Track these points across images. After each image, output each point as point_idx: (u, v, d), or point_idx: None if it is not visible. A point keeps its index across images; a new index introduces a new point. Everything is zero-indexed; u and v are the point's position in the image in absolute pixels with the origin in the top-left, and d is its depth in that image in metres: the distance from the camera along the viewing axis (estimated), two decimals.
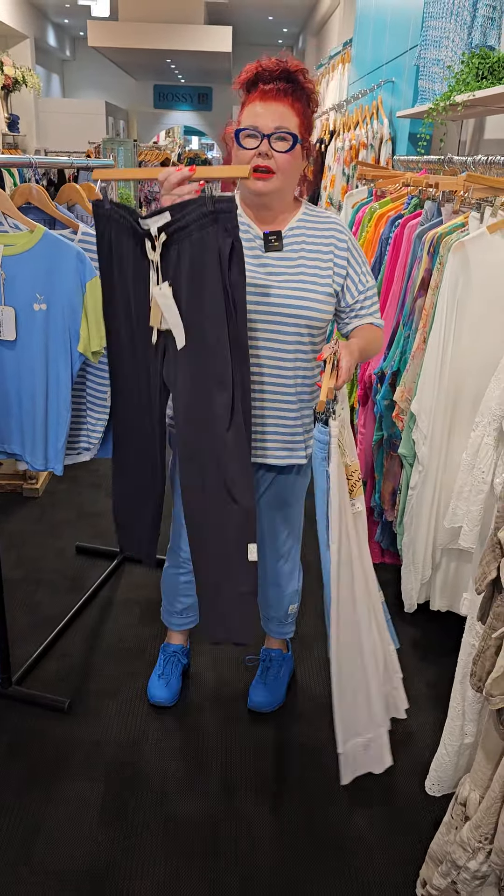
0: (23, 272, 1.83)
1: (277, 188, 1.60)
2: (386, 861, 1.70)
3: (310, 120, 1.63)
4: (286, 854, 1.71)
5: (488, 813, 1.41)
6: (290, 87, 1.58)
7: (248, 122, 1.57)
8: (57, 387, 1.93)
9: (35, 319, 1.87)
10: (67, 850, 1.69)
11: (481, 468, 1.40)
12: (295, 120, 1.58)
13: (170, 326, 1.53)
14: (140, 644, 2.40)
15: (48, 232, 1.81)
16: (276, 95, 1.56)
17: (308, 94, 1.61)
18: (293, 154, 1.59)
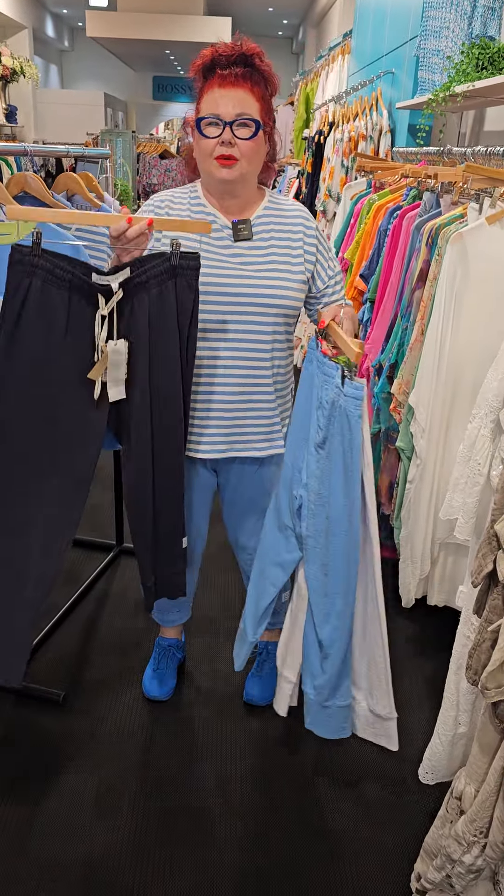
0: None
1: (242, 175, 1.58)
2: (381, 854, 1.70)
3: (269, 104, 1.61)
4: (281, 846, 1.71)
5: (483, 807, 1.40)
6: (248, 72, 1.55)
7: (208, 109, 1.55)
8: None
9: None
10: (62, 841, 1.69)
11: (477, 460, 1.39)
12: (256, 105, 1.56)
13: (108, 380, 1.53)
14: (135, 637, 2.39)
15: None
16: (234, 81, 1.53)
17: (266, 77, 1.59)
18: (256, 140, 1.57)
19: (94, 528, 3.05)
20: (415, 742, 2.01)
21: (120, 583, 2.69)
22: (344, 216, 3.22)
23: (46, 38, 12.81)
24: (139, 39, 10.56)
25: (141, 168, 7.70)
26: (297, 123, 6.75)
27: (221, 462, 1.84)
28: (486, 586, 1.31)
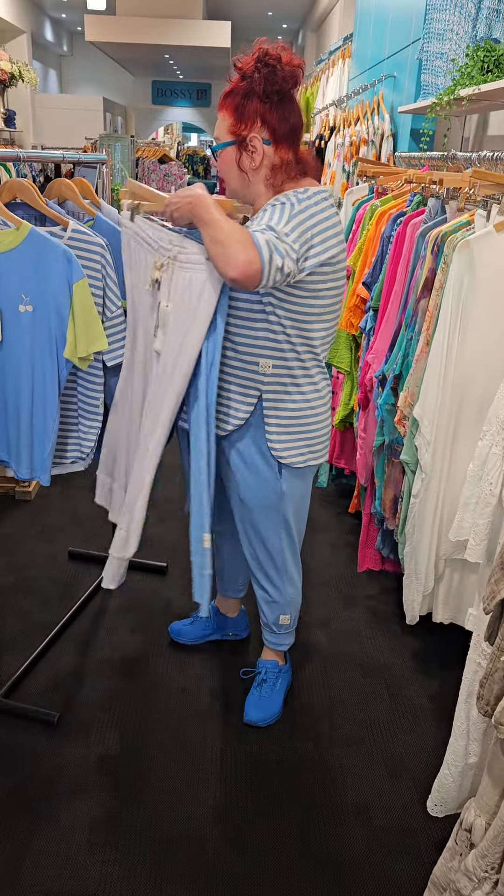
0: (8, 272, 1.75)
1: (232, 191, 1.75)
2: (386, 883, 1.64)
3: (253, 108, 1.63)
4: (284, 877, 1.64)
5: (495, 842, 1.34)
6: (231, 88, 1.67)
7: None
8: (43, 394, 1.84)
9: (20, 322, 1.79)
10: (56, 871, 1.63)
11: (489, 480, 1.33)
12: (227, 122, 1.67)
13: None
14: (133, 655, 2.33)
15: (34, 229, 1.73)
16: (218, 107, 1.71)
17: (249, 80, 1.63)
18: (222, 158, 1.71)
19: (91, 539, 2.98)
20: (418, 766, 1.95)
21: (117, 597, 2.63)
22: (346, 222, 3.17)
23: (45, 42, 12.78)
24: (138, 44, 10.51)
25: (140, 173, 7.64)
26: None
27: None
28: (499, 613, 1.26)
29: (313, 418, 1.80)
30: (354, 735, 2.05)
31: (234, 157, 1.67)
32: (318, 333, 1.71)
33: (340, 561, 2.93)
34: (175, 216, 1.61)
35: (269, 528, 1.89)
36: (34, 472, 1.93)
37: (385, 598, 2.70)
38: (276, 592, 2.00)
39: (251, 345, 1.71)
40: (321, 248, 1.60)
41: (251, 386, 1.75)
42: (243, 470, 1.83)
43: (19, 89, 9.96)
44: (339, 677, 2.27)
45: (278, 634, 2.10)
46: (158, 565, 2.80)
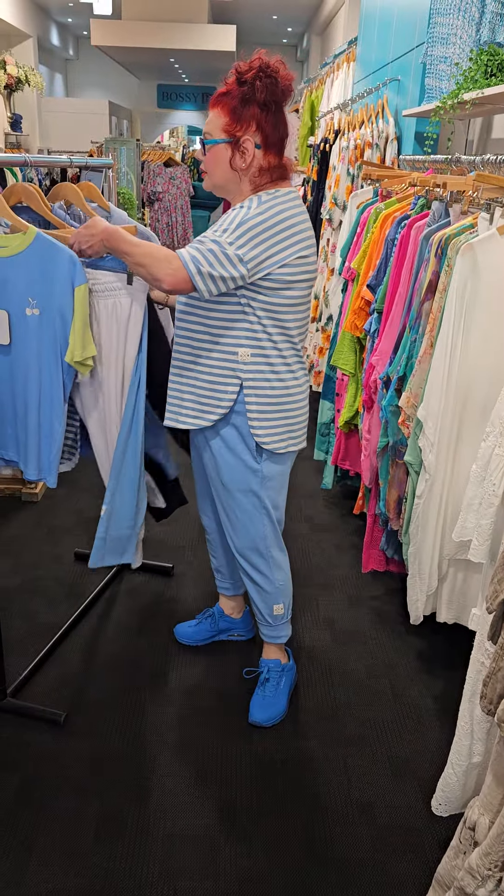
0: (16, 275, 1.77)
1: (213, 185, 1.82)
2: (390, 882, 1.65)
3: (250, 113, 1.72)
4: (289, 875, 1.65)
5: (498, 840, 1.35)
6: (227, 89, 1.73)
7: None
8: (50, 396, 1.87)
9: (28, 325, 1.81)
10: (62, 868, 1.64)
11: (492, 480, 1.35)
12: (221, 120, 1.73)
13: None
14: (139, 655, 2.34)
15: (41, 233, 1.75)
16: (211, 103, 1.76)
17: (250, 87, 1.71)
18: (211, 155, 1.77)
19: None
20: (423, 765, 1.96)
21: (122, 600, 2.64)
22: (350, 225, 3.18)
23: (51, 46, 12.84)
24: (144, 48, 10.55)
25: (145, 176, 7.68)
26: (301, 131, 6.72)
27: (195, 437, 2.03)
28: (502, 612, 1.27)
29: (293, 404, 1.89)
30: (359, 735, 2.06)
31: (226, 155, 1.75)
32: (292, 323, 1.81)
33: (345, 562, 2.94)
34: (88, 252, 1.76)
35: (252, 513, 1.95)
36: (41, 473, 1.95)
37: (390, 598, 2.71)
38: (265, 581, 2.03)
39: (230, 335, 1.79)
40: (280, 248, 1.71)
41: (232, 375, 1.82)
42: (225, 454, 1.90)
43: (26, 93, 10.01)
44: (343, 677, 2.28)
45: (274, 626, 2.11)
46: (164, 566, 2.82)
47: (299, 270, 1.75)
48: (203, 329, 1.81)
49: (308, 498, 3.50)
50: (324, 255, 4.19)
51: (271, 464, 1.92)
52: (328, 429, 3.29)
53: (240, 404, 1.84)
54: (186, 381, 1.87)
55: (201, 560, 2.89)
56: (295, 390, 1.88)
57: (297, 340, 1.85)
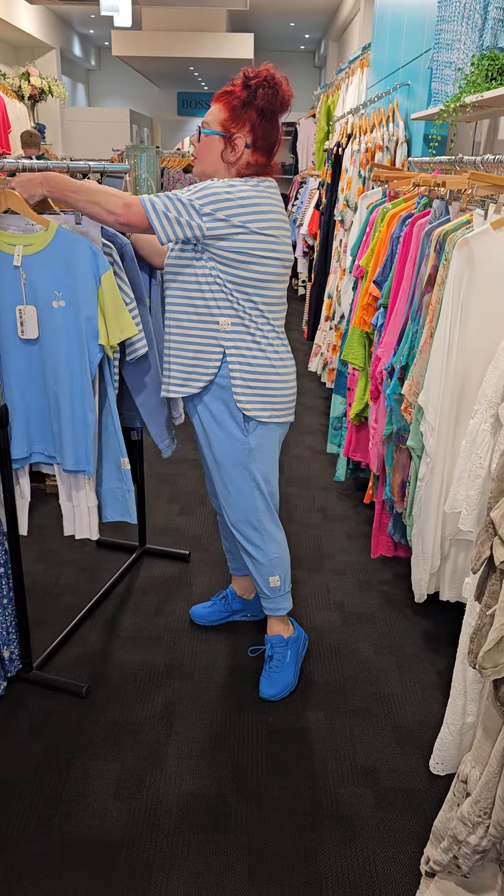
0: (42, 271, 1.90)
1: (201, 171, 1.95)
2: (392, 839, 1.75)
3: (248, 116, 1.87)
4: (294, 831, 1.77)
5: (486, 788, 1.45)
6: (232, 88, 1.88)
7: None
8: (81, 386, 1.96)
9: (55, 317, 1.93)
10: (85, 821, 1.77)
11: (479, 454, 1.45)
12: (221, 115, 1.88)
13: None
14: (157, 633, 2.47)
15: (61, 228, 1.89)
16: (215, 97, 1.91)
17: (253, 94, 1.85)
18: (205, 142, 1.92)
19: (117, 529, 3.14)
20: (426, 734, 2.06)
21: (142, 582, 2.77)
22: (360, 225, 3.30)
23: (74, 57, 13.11)
24: (163, 57, 10.76)
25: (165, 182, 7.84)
26: (318, 136, 6.85)
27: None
28: (486, 573, 1.37)
29: (278, 380, 2.01)
30: (365, 707, 2.17)
31: (219, 146, 1.91)
32: (262, 302, 1.94)
33: (356, 549, 3.05)
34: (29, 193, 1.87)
35: (242, 486, 2.07)
36: (79, 464, 2.04)
37: (398, 583, 2.81)
38: (259, 553, 2.14)
39: (211, 305, 1.93)
40: (239, 213, 1.83)
41: (214, 343, 1.95)
42: (215, 428, 2.03)
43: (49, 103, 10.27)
44: (352, 656, 2.39)
45: (272, 598, 2.22)
46: (181, 553, 2.95)
47: (264, 247, 1.87)
48: (187, 300, 1.94)
49: (321, 490, 3.61)
50: (337, 256, 4.31)
51: (258, 435, 2.03)
52: (340, 423, 3.39)
53: (224, 378, 1.97)
54: (174, 351, 2.00)
55: (217, 548, 3.01)
56: (280, 367, 2.00)
57: (274, 322, 1.99)
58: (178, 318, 1.97)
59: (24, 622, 2.16)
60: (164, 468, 3.82)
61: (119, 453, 2.09)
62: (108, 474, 2.11)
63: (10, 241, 1.91)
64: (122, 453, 2.09)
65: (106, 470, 2.11)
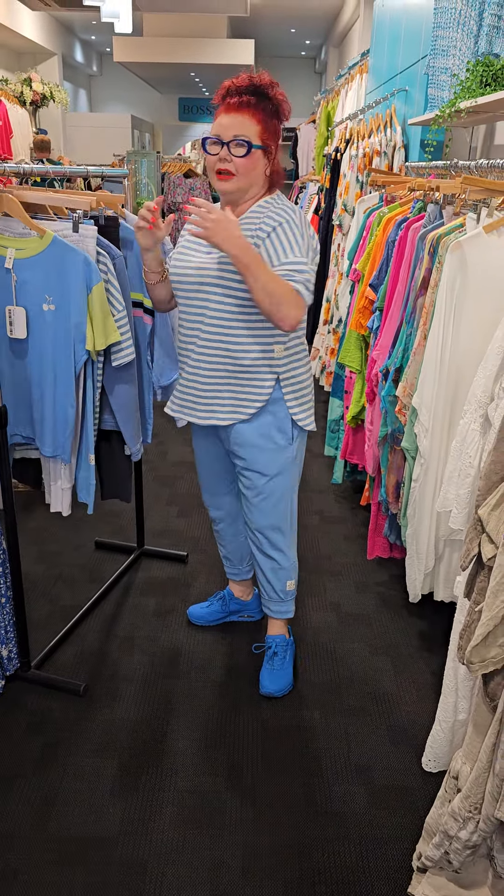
0: (33, 275, 1.95)
1: (238, 188, 1.85)
2: (385, 835, 1.77)
3: (273, 126, 1.84)
4: (289, 828, 1.78)
5: (476, 783, 1.47)
6: (255, 99, 1.80)
7: (213, 131, 1.83)
8: (65, 383, 2.05)
9: (44, 319, 2.00)
10: (81, 818, 1.79)
11: (468, 453, 1.47)
12: (255, 127, 1.80)
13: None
14: (154, 633, 2.49)
15: (57, 237, 1.93)
16: (238, 107, 1.79)
17: (274, 104, 1.83)
18: (250, 158, 1.81)
19: (116, 531, 3.16)
20: (420, 733, 2.07)
21: (140, 583, 2.80)
22: (357, 229, 3.32)
23: (75, 63, 13.19)
24: (165, 63, 10.82)
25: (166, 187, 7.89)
26: (318, 141, 6.89)
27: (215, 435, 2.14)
28: (475, 570, 1.39)
29: (310, 381, 2.09)
30: (360, 706, 2.19)
31: (262, 162, 1.85)
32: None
33: (353, 551, 3.07)
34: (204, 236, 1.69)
35: (284, 495, 2.11)
36: (56, 451, 2.14)
37: (394, 584, 2.83)
38: (283, 557, 2.17)
39: (268, 334, 1.92)
40: (315, 247, 1.87)
41: (268, 370, 1.96)
42: (261, 442, 2.03)
43: (51, 109, 10.33)
44: (347, 656, 2.41)
45: (285, 602, 2.25)
46: (179, 554, 2.97)
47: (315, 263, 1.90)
48: (243, 331, 1.90)
49: (319, 493, 3.63)
50: (335, 260, 4.34)
51: (299, 442, 2.09)
52: (337, 425, 3.42)
53: (276, 395, 1.99)
54: (223, 380, 1.95)
55: (215, 549, 3.03)
56: (308, 367, 2.07)
57: (302, 333, 2.05)
58: (230, 348, 1.92)
59: (22, 621, 2.18)
60: (163, 471, 3.84)
61: (88, 449, 2.17)
62: (82, 464, 2.21)
63: (3, 243, 1.96)
64: (90, 450, 2.17)
65: (81, 459, 2.20)
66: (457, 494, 1.51)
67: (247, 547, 2.42)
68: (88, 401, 2.11)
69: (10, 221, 1.96)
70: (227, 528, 2.39)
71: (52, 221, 2.00)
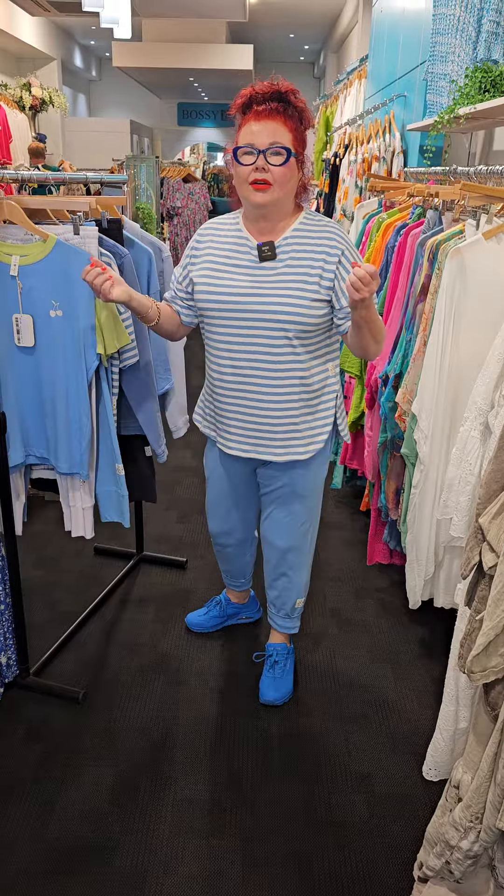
0: (38, 281, 1.93)
1: (275, 199, 1.73)
2: (385, 844, 1.76)
3: (302, 135, 1.75)
4: (289, 837, 1.77)
5: (478, 793, 1.46)
6: (282, 106, 1.70)
7: (244, 140, 1.71)
8: (77, 392, 2.00)
9: (52, 326, 1.96)
10: (79, 826, 1.78)
11: (469, 461, 1.47)
12: (288, 135, 1.71)
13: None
14: (153, 639, 2.48)
15: (60, 240, 1.91)
16: (269, 114, 1.69)
17: (299, 111, 1.74)
18: (288, 166, 1.71)
19: (115, 536, 3.15)
20: (420, 741, 2.06)
21: (139, 589, 2.79)
22: (356, 235, 3.33)
23: (75, 68, 13.21)
24: (164, 68, 10.85)
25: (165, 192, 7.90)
26: (317, 146, 6.90)
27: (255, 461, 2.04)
28: (476, 579, 1.39)
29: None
30: (360, 713, 2.18)
31: (297, 170, 1.76)
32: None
33: (352, 557, 3.06)
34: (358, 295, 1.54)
35: (314, 512, 2.12)
36: (73, 467, 2.08)
37: (394, 590, 2.82)
38: (298, 576, 2.17)
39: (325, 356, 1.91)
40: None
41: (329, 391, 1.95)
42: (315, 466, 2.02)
43: (50, 114, 10.34)
44: (347, 663, 2.40)
45: (293, 618, 2.25)
46: (179, 560, 2.96)
47: None
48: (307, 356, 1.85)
49: None
50: None
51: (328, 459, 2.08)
52: None
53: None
54: (297, 411, 1.90)
55: (214, 555, 3.02)
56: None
57: None
58: (302, 378, 1.86)
59: (21, 628, 2.17)
60: (163, 476, 3.83)
61: (114, 459, 2.11)
62: (105, 478, 2.14)
63: (7, 250, 1.94)
64: (116, 459, 2.11)
65: (103, 473, 2.14)
66: (457, 502, 1.50)
67: (250, 563, 2.41)
68: (107, 408, 2.06)
69: (11, 228, 1.95)
70: (236, 550, 2.35)
71: (53, 226, 1.99)
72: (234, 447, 1.98)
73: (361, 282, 1.51)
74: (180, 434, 2.63)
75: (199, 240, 1.91)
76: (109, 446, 2.10)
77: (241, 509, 2.21)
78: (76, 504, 2.15)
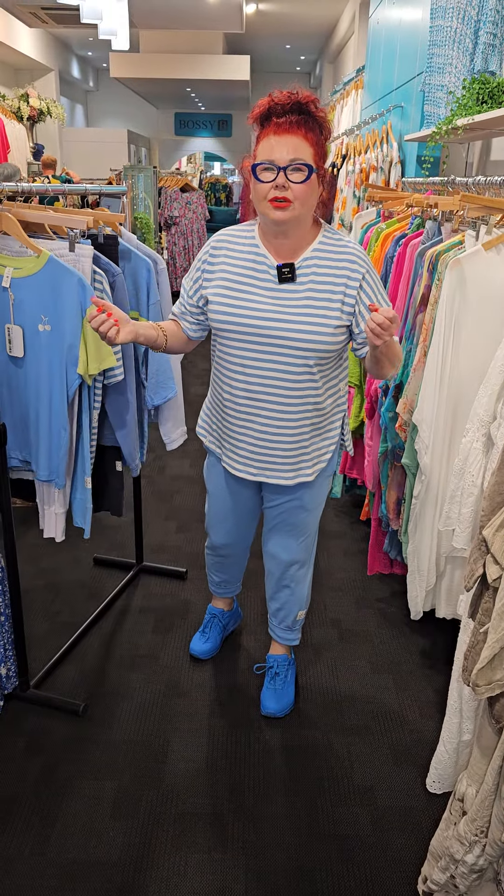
0: (30, 294, 1.95)
1: (295, 217, 1.66)
2: (389, 858, 1.75)
3: (323, 148, 1.68)
4: (292, 850, 1.76)
5: (483, 806, 1.45)
6: (303, 119, 1.62)
7: (263, 155, 1.63)
8: (60, 405, 2.04)
9: (40, 339, 2.00)
10: (81, 841, 1.76)
11: (471, 472, 1.47)
12: (309, 150, 1.63)
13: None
14: (154, 651, 2.47)
15: (52, 257, 1.93)
16: (289, 128, 1.61)
17: (320, 123, 1.66)
18: (309, 184, 1.63)
19: (115, 547, 3.14)
20: (423, 752, 2.05)
21: (139, 599, 2.78)
22: None
23: (72, 79, 13.27)
24: (161, 78, 10.90)
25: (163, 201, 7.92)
26: None
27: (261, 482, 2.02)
28: (479, 591, 1.38)
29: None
30: (362, 725, 2.17)
31: (318, 187, 1.70)
32: None
33: (352, 566, 3.06)
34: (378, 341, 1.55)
35: (313, 528, 2.10)
36: (51, 475, 2.12)
37: (394, 600, 2.82)
38: (300, 588, 2.16)
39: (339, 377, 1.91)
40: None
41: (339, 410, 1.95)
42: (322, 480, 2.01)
43: (48, 124, 10.38)
44: (349, 674, 2.39)
45: (294, 630, 2.24)
46: (178, 570, 2.95)
47: None
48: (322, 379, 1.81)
49: None
50: None
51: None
52: None
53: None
54: (308, 433, 1.87)
55: None
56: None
57: None
58: (316, 401, 1.83)
59: (20, 640, 2.16)
60: (161, 485, 3.83)
61: (85, 472, 2.15)
62: (78, 486, 2.19)
63: (1, 262, 1.95)
64: (87, 473, 2.15)
65: (78, 482, 2.19)
66: (459, 513, 1.50)
67: (244, 568, 2.41)
68: (84, 424, 2.09)
69: (7, 240, 1.96)
70: (236, 560, 2.33)
71: (49, 241, 1.99)
72: (241, 469, 1.93)
73: (381, 327, 1.49)
74: (174, 447, 2.62)
75: (213, 253, 1.82)
76: (84, 460, 2.14)
77: (244, 524, 2.20)
78: (50, 509, 2.23)
